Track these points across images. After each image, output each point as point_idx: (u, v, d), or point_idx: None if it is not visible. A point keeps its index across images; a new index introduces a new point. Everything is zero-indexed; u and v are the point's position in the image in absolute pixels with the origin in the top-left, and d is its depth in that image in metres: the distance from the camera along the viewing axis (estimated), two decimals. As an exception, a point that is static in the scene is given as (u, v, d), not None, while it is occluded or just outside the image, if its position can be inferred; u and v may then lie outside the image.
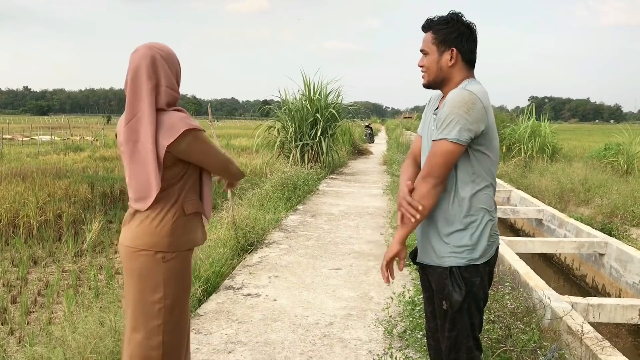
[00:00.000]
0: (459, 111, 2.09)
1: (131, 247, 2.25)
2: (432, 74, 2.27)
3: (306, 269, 5.59)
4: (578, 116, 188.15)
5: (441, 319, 2.30)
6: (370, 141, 29.65)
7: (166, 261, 2.24)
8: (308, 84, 14.69)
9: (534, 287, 4.71)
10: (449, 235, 2.24)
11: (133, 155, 2.19)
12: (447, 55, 2.23)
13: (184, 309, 2.36)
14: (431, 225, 2.30)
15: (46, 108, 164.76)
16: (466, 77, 2.27)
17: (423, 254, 2.37)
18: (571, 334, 3.76)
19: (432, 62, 2.26)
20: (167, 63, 2.23)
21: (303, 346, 3.72)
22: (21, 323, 5.03)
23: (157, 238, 2.22)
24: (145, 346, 2.26)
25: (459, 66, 2.24)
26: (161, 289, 2.24)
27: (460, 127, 2.09)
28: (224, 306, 4.47)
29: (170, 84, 2.22)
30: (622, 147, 14.50)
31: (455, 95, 2.13)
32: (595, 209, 9.86)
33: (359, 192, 11.38)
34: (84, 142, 28.32)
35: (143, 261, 2.23)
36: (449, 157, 2.13)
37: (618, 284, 6.72)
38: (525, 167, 15.32)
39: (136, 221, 2.27)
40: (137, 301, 2.27)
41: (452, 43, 2.22)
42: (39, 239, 8.18)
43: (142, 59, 2.18)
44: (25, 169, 13.39)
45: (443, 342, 2.33)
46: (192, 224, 2.33)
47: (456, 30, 2.21)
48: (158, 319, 2.25)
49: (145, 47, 2.21)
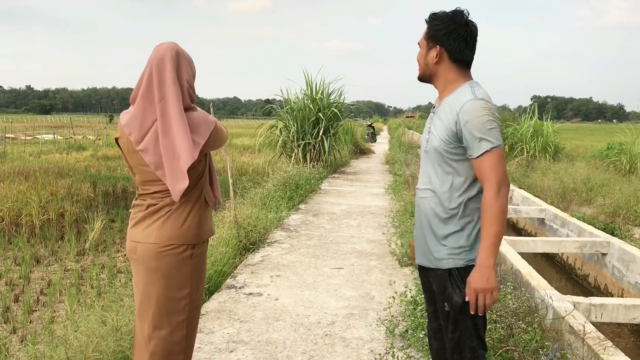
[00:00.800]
0: (489, 117, 2.11)
1: (158, 244, 2.23)
2: (421, 68, 2.32)
3: (308, 268, 5.59)
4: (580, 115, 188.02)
5: (444, 320, 2.31)
6: (372, 140, 29.64)
7: (193, 257, 2.29)
8: (310, 84, 14.69)
9: (536, 287, 4.70)
10: (446, 237, 2.24)
11: (166, 149, 2.16)
12: (433, 52, 2.24)
13: (200, 304, 2.44)
14: (428, 228, 2.30)
15: (49, 107, 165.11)
16: (460, 77, 2.26)
17: (422, 256, 2.37)
18: (573, 334, 3.75)
19: (421, 56, 2.30)
20: (187, 61, 2.28)
21: (305, 345, 3.72)
22: (24, 322, 5.03)
23: (186, 231, 2.26)
24: (170, 342, 2.29)
25: (445, 65, 2.24)
26: (187, 285, 2.28)
27: (496, 131, 2.12)
28: (226, 305, 4.47)
29: (189, 80, 2.27)
30: (625, 146, 14.46)
31: (474, 106, 2.12)
32: (597, 209, 9.85)
33: (361, 192, 11.38)
34: (86, 141, 28.37)
35: (171, 259, 2.24)
36: (503, 161, 2.15)
37: (620, 284, 6.71)
38: (527, 166, 15.30)
39: (160, 218, 2.25)
40: (163, 298, 2.27)
41: (439, 41, 2.22)
42: (42, 237, 8.19)
43: (167, 51, 2.22)
44: (28, 168, 13.43)
45: (447, 342, 2.33)
46: (208, 213, 2.40)
47: (445, 28, 2.20)
48: (183, 314, 2.30)
49: (169, 43, 2.26)
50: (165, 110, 2.15)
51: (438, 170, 2.26)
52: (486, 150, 2.11)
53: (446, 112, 2.21)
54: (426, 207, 2.31)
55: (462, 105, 2.13)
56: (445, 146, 2.20)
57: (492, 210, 2.11)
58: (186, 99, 2.22)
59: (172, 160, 2.14)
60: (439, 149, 2.22)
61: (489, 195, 2.12)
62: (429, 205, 2.29)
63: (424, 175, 2.35)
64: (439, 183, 2.26)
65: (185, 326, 2.31)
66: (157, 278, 2.26)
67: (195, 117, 2.22)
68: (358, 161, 19.25)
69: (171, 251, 2.24)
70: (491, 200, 2.11)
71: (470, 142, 2.12)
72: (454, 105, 2.17)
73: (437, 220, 2.26)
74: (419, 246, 2.38)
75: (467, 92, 2.18)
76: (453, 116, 2.16)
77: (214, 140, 2.28)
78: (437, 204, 2.25)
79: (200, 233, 2.32)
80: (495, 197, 2.11)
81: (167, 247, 2.24)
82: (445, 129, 2.19)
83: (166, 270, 2.25)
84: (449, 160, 2.22)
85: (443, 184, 2.24)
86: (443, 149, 2.21)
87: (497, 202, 2.11)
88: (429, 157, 2.31)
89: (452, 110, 2.18)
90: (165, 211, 2.26)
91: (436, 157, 2.25)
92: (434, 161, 2.27)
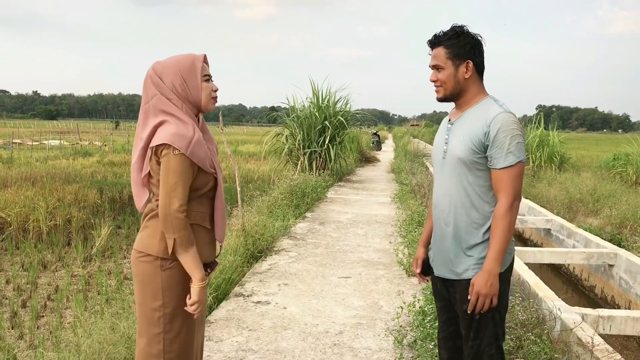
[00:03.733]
0: (519, 132, 2.18)
1: (135, 251, 2.26)
2: (449, 88, 2.30)
3: (315, 277, 5.60)
4: (586, 125, 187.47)
5: (465, 328, 2.32)
6: (377, 149, 29.62)
7: (164, 269, 2.20)
8: (317, 92, 14.73)
9: (544, 298, 4.69)
10: (472, 248, 2.27)
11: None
12: (463, 68, 2.27)
13: (188, 320, 2.29)
14: (451, 240, 2.32)
15: (55, 113, 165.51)
16: (480, 90, 2.32)
17: (443, 268, 2.39)
18: (581, 346, 3.74)
19: (449, 76, 2.28)
20: (167, 71, 2.25)
21: (314, 355, 3.73)
22: (31, 327, 5.05)
23: (154, 242, 2.20)
24: (147, 353, 2.25)
25: (473, 78, 2.29)
26: (160, 297, 2.21)
27: (523, 146, 2.19)
28: (234, 313, 4.48)
29: (174, 85, 2.24)
30: (631, 157, 14.43)
31: (506, 119, 2.18)
32: (604, 220, 9.82)
33: (367, 200, 11.38)
34: (92, 147, 28.45)
35: (144, 266, 2.22)
36: (522, 176, 2.23)
37: (628, 296, 6.69)
38: (533, 176, 15.29)
39: (144, 224, 2.28)
40: (140, 306, 2.27)
41: (467, 56, 2.26)
42: (49, 243, 8.23)
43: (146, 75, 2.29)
44: (34, 174, 13.48)
45: (466, 350, 2.35)
46: (200, 236, 2.26)
47: (469, 44, 2.26)
48: (158, 327, 2.23)
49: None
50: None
51: (463, 180, 2.28)
52: (511, 164, 2.16)
53: (472, 123, 2.25)
54: (449, 218, 2.32)
55: (494, 117, 2.19)
56: (471, 156, 2.23)
57: (504, 221, 2.17)
58: (169, 105, 2.20)
59: (134, 172, 2.27)
60: (464, 158, 2.25)
61: (504, 206, 2.18)
62: (453, 216, 2.31)
63: (444, 186, 2.36)
64: (464, 194, 2.28)
65: (161, 340, 2.23)
66: (135, 284, 2.28)
67: (161, 129, 2.17)
68: (364, 169, 19.26)
69: (142, 259, 2.23)
70: (505, 211, 2.17)
71: (497, 152, 2.17)
72: (482, 116, 2.23)
73: (463, 232, 2.29)
74: (440, 258, 2.40)
75: (494, 105, 2.26)
76: (482, 126, 2.20)
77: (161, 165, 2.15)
78: (463, 214, 2.28)
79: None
80: (509, 209, 2.17)
81: (139, 254, 2.24)
82: (471, 139, 2.23)
83: (140, 277, 2.24)
84: (475, 170, 2.25)
85: (468, 195, 2.27)
86: (469, 160, 2.24)
87: (510, 214, 2.18)
88: (450, 168, 2.32)
89: (479, 121, 2.22)
90: (148, 218, 2.26)
91: (459, 168, 2.28)
92: (457, 172, 2.29)
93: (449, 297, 2.43)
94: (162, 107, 2.19)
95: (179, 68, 2.22)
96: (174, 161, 2.10)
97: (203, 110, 2.30)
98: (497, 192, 2.21)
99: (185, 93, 2.22)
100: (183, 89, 2.21)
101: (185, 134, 2.13)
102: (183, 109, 2.22)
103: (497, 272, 2.18)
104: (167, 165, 2.11)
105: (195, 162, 2.14)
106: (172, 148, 2.10)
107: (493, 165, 2.20)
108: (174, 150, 2.10)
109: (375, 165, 21.40)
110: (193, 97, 2.24)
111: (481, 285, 2.17)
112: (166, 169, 2.12)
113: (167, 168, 2.11)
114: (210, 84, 2.29)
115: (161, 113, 2.19)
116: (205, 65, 2.29)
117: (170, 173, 2.11)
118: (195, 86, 2.23)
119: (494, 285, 2.17)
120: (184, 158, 2.11)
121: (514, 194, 2.18)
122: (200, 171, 2.19)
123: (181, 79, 2.21)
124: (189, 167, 2.13)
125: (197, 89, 2.24)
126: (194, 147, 2.14)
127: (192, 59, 2.25)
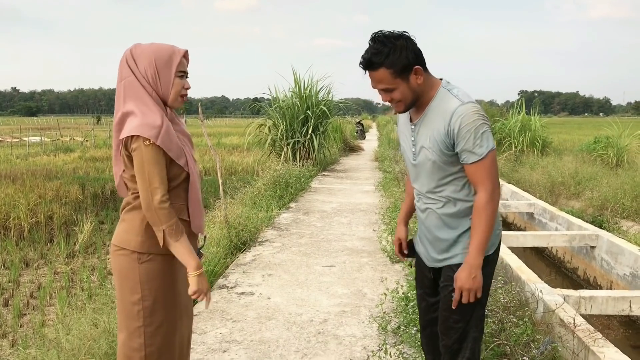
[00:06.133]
0: (481, 121, 2.10)
1: (113, 245, 2.24)
2: (409, 100, 2.20)
3: (299, 266, 5.59)
4: (568, 109, 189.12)
5: (449, 310, 2.30)
6: (361, 138, 29.65)
7: (142, 262, 2.17)
8: (298, 81, 14.68)
9: (526, 281, 4.74)
10: (461, 234, 2.27)
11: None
12: (414, 77, 2.15)
13: (170, 313, 2.27)
14: (439, 229, 2.31)
15: (35, 109, 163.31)
16: (432, 82, 2.22)
17: (430, 260, 2.39)
18: (563, 327, 3.78)
19: (404, 91, 2.17)
20: (135, 58, 2.20)
21: (298, 344, 3.73)
22: (14, 326, 5.00)
23: (131, 236, 2.18)
24: (128, 347, 2.23)
25: (423, 77, 2.18)
26: (138, 291, 2.18)
27: (489, 134, 2.13)
28: (218, 305, 4.47)
29: (146, 74, 2.21)
30: (612, 140, 14.59)
31: (465, 111, 2.10)
32: (585, 202, 9.93)
33: (351, 189, 11.39)
34: (74, 142, 28.17)
35: (122, 260, 2.20)
36: (496, 162, 2.18)
37: (609, 276, 6.77)
38: (515, 161, 15.39)
39: (122, 217, 2.25)
40: (119, 301, 2.25)
41: (412, 64, 2.13)
42: (31, 240, 8.13)
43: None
44: (15, 171, 13.32)
45: (447, 332, 2.34)
46: None
47: (406, 51, 2.11)
48: (137, 320, 2.20)
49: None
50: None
51: (439, 178, 2.25)
52: (482, 157, 2.12)
53: (434, 123, 2.18)
54: (433, 213, 2.31)
55: (452, 113, 2.11)
56: (443, 157, 2.18)
57: (485, 212, 2.14)
58: (140, 94, 2.15)
59: (115, 166, 2.28)
60: (438, 161, 2.20)
61: (484, 197, 2.15)
62: (437, 211, 2.29)
63: (423, 185, 2.32)
64: (442, 189, 2.26)
65: (142, 334, 2.21)
66: (115, 278, 2.26)
67: (129, 121, 2.13)
68: (348, 159, 19.27)
69: (119, 252, 2.21)
70: (486, 202, 2.14)
71: (464, 148, 2.12)
72: (441, 113, 2.16)
73: (450, 222, 2.28)
74: (429, 248, 2.39)
75: (449, 97, 2.17)
76: (444, 125, 2.14)
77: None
78: (448, 208, 2.27)
79: (148, 242, 2.18)
80: (490, 199, 2.15)
81: (116, 248, 2.22)
82: (437, 141, 2.17)
83: (118, 271, 2.22)
84: (450, 167, 2.21)
85: (446, 189, 2.25)
86: (442, 160, 2.19)
87: (491, 205, 2.15)
88: (423, 169, 2.28)
89: (440, 119, 2.16)
90: (124, 212, 2.24)
91: (433, 169, 2.23)
92: (431, 172, 2.25)
93: (432, 282, 2.43)
94: (131, 92, 2.14)
95: (155, 58, 2.16)
96: (146, 152, 2.06)
97: (169, 105, 2.25)
98: (475, 185, 2.17)
99: (156, 84, 2.17)
100: (154, 79, 2.16)
101: (153, 123, 2.08)
102: (153, 96, 2.17)
103: (480, 263, 2.15)
104: (140, 158, 2.07)
105: (166, 151, 2.10)
106: (142, 139, 2.05)
107: (464, 160, 2.15)
108: (145, 141, 2.05)
109: (359, 154, 21.41)
110: (162, 90, 2.19)
111: (464, 279, 2.15)
112: (140, 162, 2.07)
113: (140, 161, 2.07)
114: (183, 81, 2.23)
115: (129, 99, 2.14)
116: (184, 61, 2.24)
117: (145, 165, 2.07)
118: (166, 80, 2.18)
119: (477, 278, 2.15)
120: (156, 147, 2.07)
121: (492, 184, 2.14)
122: (172, 162, 2.15)
123: (154, 69, 2.16)
124: (162, 156, 2.10)
125: (168, 83, 2.19)
126: (164, 136, 2.09)
127: (172, 51, 2.20)
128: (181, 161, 2.18)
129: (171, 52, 2.20)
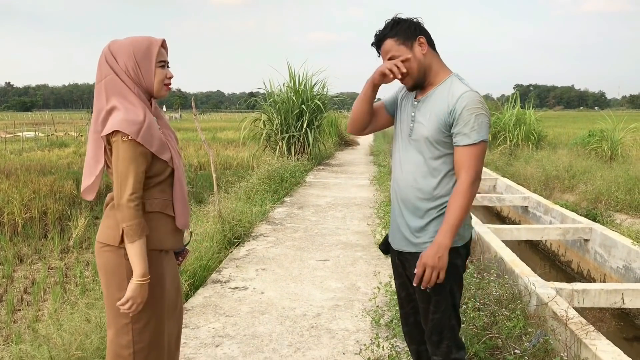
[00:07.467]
0: (483, 111, 2.18)
1: (98, 242, 2.22)
2: (415, 71, 2.27)
3: (293, 261, 5.59)
4: (563, 103, 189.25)
5: (424, 302, 2.34)
6: (357, 132, 29.56)
7: (128, 258, 2.14)
8: (293, 76, 14.66)
9: (520, 274, 4.75)
10: (430, 222, 2.29)
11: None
12: (418, 46, 2.26)
13: (157, 309, 2.25)
14: (410, 214, 2.33)
15: (29, 104, 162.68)
16: (442, 66, 2.33)
17: (401, 242, 2.40)
18: (556, 320, 3.80)
19: (411, 61, 2.26)
20: (114, 54, 2.18)
21: (291, 338, 3.73)
22: (7, 321, 4.99)
23: (115, 232, 2.14)
24: (116, 344, 2.21)
25: (430, 52, 2.29)
26: (125, 287, 2.13)
27: (487, 126, 2.20)
28: (211, 300, 4.47)
29: (128, 68, 2.18)
30: (606, 133, 14.61)
31: (471, 97, 2.19)
32: (579, 196, 9.96)
33: (346, 183, 11.40)
34: (68, 137, 28.03)
35: (107, 257, 2.18)
36: (484, 157, 2.23)
37: (603, 269, 6.80)
38: (510, 155, 15.43)
39: (105, 214, 2.23)
40: (106, 298, 2.23)
41: (415, 33, 2.27)
42: (25, 236, 8.10)
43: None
44: (9, 166, 13.26)
45: (426, 324, 2.37)
46: (156, 223, 2.20)
47: (411, 24, 2.27)
48: (125, 317, 2.17)
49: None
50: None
51: (427, 157, 2.28)
52: (474, 142, 2.17)
53: (438, 102, 2.25)
54: (409, 193, 2.32)
55: (459, 96, 2.19)
56: (438, 135, 2.24)
57: (464, 198, 2.17)
58: (121, 88, 2.13)
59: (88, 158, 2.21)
60: (430, 138, 2.25)
61: (465, 183, 2.18)
62: (414, 191, 2.31)
63: (408, 163, 2.34)
64: (427, 170, 2.28)
65: (130, 331, 2.19)
66: (101, 275, 2.23)
67: (112, 117, 2.10)
68: (343, 153, 19.27)
69: (104, 249, 2.19)
70: (465, 188, 2.18)
71: (461, 130, 2.18)
72: (447, 96, 2.23)
73: (421, 207, 2.30)
74: (399, 232, 2.40)
75: (459, 83, 2.26)
76: (447, 105, 2.21)
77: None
78: (425, 190, 2.28)
79: None
80: (470, 186, 2.18)
81: (101, 245, 2.20)
82: (437, 119, 2.23)
83: (105, 268, 2.20)
84: (441, 148, 2.26)
85: (433, 171, 2.28)
86: (435, 139, 2.25)
87: (470, 191, 2.19)
88: (416, 145, 2.31)
89: (445, 99, 2.23)
90: (109, 208, 2.22)
91: (426, 146, 2.28)
92: (422, 149, 2.29)
93: (405, 273, 2.44)
94: (113, 89, 2.12)
95: (133, 50, 2.14)
96: (122, 148, 2.04)
97: (155, 96, 2.23)
98: (459, 169, 2.20)
99: (138, 77, 2.15)
100: (135, 72, 2.14)
101: (135, 119, 2.06)
102: (135, 91, 2.15)
103: (448, 245, 2.16)
104: (116, 153, 2.05)
105: (147, 147, 2.08)
106: (122, 134, 2.03)
107: (457, 142, 2.20)
108: (123, 137, 2.03)
109: (354, 148, 21.43)
110: (145, 82, 2.17)
111: (429, 256, 2.17)
112: (116, 157, 2.06)
113: (116, 156, 2.06)
114: (165, 71, 2.22)
115: (112, 96, 2.12)
116: (163, 51, 2.22)
117: (120, 160, 2.05)
118: (148, 71, 2.17)
119: (442, 258, 2.16)
120: (135, 144, 2.04)
121: (476, 173, 2.19)
122: (156, 158, 2.13)
123: (134, 61, 2.14)
124: (140, 153, 2.06)
125: (150, 74, 2.17)
126: (145, 132, 2.07)
127: (149, 42, 2.18)
128: (165, 156, 2.16)
129: (149, 43, 2.18)
